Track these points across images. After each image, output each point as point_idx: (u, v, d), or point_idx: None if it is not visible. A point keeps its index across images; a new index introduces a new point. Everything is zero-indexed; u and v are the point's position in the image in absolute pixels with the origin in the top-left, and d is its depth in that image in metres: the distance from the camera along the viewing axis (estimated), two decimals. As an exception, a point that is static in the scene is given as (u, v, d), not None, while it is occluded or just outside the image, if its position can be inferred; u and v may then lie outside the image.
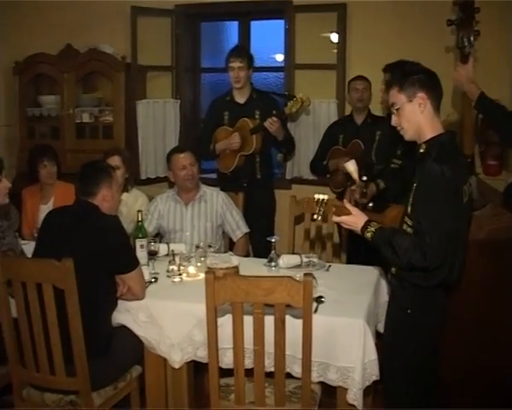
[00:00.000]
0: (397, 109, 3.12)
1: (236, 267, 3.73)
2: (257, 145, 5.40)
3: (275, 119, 5.21)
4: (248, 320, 2.98)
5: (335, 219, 3.30)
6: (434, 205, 2.91)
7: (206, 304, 2.98)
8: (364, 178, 3.78)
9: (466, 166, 3.23)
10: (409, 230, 3.04)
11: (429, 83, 3.07)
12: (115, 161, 4.84)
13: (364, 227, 3.14)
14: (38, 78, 7.09)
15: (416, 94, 3.05)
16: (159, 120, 6.73)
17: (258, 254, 4.41)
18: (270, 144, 5.49)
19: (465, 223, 3.15)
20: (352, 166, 3.78)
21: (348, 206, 3.26)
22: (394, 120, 3.15)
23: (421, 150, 3.10)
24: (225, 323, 3.19)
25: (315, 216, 3.53)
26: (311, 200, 3.51)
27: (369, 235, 3.11)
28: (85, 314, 3.26)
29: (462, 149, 3.76)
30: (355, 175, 3.78)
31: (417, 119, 3.07)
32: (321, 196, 3.49)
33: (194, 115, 7.15)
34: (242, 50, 5.56)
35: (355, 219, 3.21)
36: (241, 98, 5.58)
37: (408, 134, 3.14)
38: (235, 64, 5.44)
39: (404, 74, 3.10)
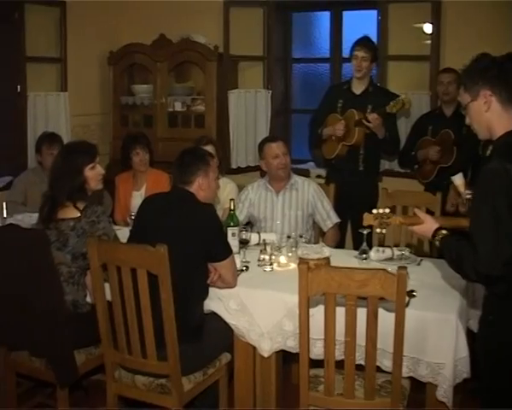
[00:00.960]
0: (465, 109, 2.97)
1: (328, 258, 3.69)
2: (358, 138, 5.33)
3: (376, 115, 5.14)
4: (339, 312, 2.95)
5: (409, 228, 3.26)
6: (484, 210, 2.68)
7: (299, 294, 2.96)
8: (469, 196, 3.66)
9: None
10: None
11: (495, 78, 2.81)
12: (209, 150, 4.84)
13: (433, 235, 3.04)
14: (132, 67, 7.20)
15: (480, 92, 2.82)
16: (250, 109, 6.76)
17: (357, 247, 4.37)
18: (375, 140, 5.38)
19: None
20: (459, 180, 3.70)
21: (420, 214, 3.18)
22: (467, 120, 2.99)
23: (488, 153, 2.93)
24: (316, 313, 3.16)
25: (378, 230, 3.47)
26: (369, 217, 3.45)
27: (437, 243, 3.01)
28: (178, 300, 3.28)
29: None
30: (461, 189, 3.69)
31: (484, 117, 2.85)
32: (380, 210, 3.42)
33: (285, 106, 7.17)
34: (369, 42, 5.48)
35: (424, 229, 3.12)
36: (357, 89, 5.52)
37: (480, 134, 2.94)
38: (360, 53, 5.38)
39: (466, 72, 2.90)
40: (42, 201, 3.91)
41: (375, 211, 3.43)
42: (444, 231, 3.01)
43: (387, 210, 3.42)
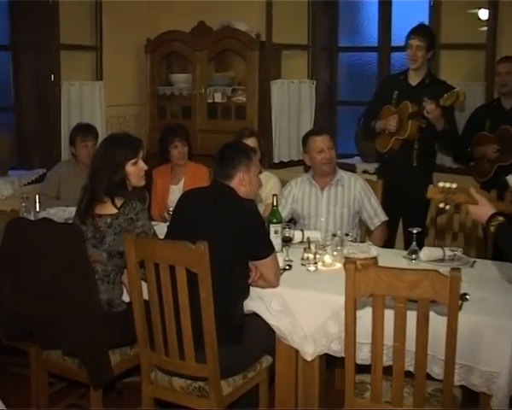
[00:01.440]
0: None
1: (375, 258, 3.69)
2: (411, 132, 5.29)
3: (434, 106, 5.06)
4: (388, 315, 2.93)
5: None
6: None
7: (346, 295, 2.95)
8: None
9: None
10: None
11: None
12: (251, 142, 4.85)
13: (489, 220, 2.99)
14: (170, 56, 7.26)
15: None
16: (293, 101, 6.74)
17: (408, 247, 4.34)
18: (431, 134, 5.34)
19: None
20: None
21: (475, 195, 3.14)
22: None
23: None
24: (363, 316, 3.14)
25: (441, 205, 3.41)
26: (434, 189, 3.40)
27: (492, 229, 2.96)
28: (218, 300, 3.29)
29: None
30: None
31: None
32: (447, 184, 3.36)
33: (330, 97, 7.13)
34: (424, 29, 5.46)
35: (480, 210, 3.09)
36: (413, 80, 5.48)
37: None
38: (414, 42, 5.35)
39: None
40: (81, 193, 3.93)
41: (441, 184, 3.37)
42: (500, 218, 2.97)
43: (455, 185, 3.36)
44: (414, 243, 4.06)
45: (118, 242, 3.73)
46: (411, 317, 2.92)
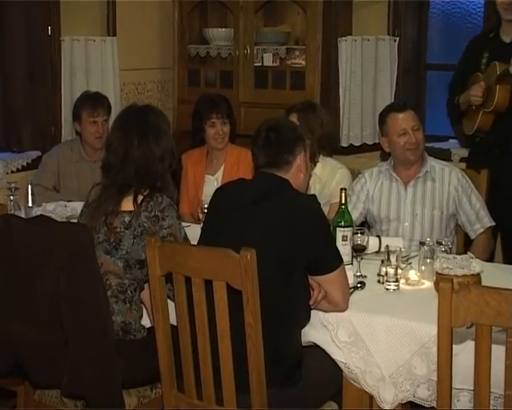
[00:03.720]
0: None
1: (478, 275, 3.68)
2: (500, 99, 5.20)
3: None
4: (496, 352, 2.90)
5: None
6: None
7: (439, 325, 2.94)
8: None
9: None
10: None
11: None
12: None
13: None
14: (205, 5, 7.28)
15: None
16: (368, 65, 6.74)
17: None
18: None
19: None
20: None
21: None
22: None
23: None
24: (462, 353, 3.15)
25: None
26: None
27: None
28: (267, 327, 3.30)
29: None
30: None
31: None
32: None
33: (417, 59, 7.14)
34: None
35: None
36: (508, 35, 5.45)
37: None
38: None
39: None
40: (99, 189, 3.96)
41: None
42: None
43: None
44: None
45: (137, 247, 3.77)
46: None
